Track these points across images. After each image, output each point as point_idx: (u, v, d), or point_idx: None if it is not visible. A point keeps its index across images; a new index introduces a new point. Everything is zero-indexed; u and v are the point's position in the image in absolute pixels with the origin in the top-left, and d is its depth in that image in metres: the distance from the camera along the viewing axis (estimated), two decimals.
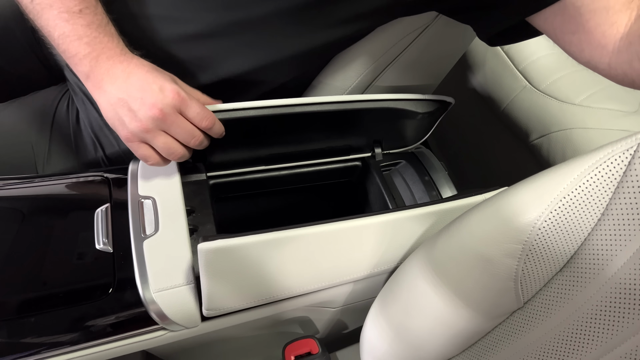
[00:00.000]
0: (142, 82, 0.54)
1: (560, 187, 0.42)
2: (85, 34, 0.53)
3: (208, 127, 0.57)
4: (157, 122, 0.53)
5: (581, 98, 0.89)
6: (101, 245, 0.55)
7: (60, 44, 0.54)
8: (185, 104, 0.55)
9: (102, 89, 0.54)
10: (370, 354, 0.60)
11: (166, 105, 0.53)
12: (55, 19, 0.53)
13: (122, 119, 0.53)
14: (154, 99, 0.53)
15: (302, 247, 0.54)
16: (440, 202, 0.61)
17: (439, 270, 0.50)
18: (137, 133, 0.54)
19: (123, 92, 0.53)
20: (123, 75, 0.54)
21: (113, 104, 0.53)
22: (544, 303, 0.46)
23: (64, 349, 0.51)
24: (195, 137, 0.56)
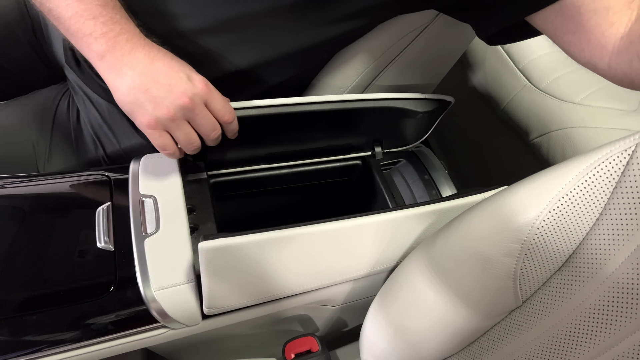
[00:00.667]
0: (169, 69, 0.52)
1: (558, 187, 0.42)
2: (100, 13, 0.51)
3: (228, 122, 0.56)
4: (184, 111, 0.52)
5: (581, 97, 0.89)
6: (102, 244, 0.56)
7: (73, 24, 0.51)
8: (212, 96, 0.54)
9: (120, 71, 0.51)
10: (369, 352, 0.60)
11: (195, 94, 0.52)
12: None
13: (144, 104, 0.51)
14: (183, 87, 0.51)
15: (302, 246, 0.54)
16: (440, 201, 0.62)
17: (438, 268, 0.50)
18: (162, 120, 0.51)
19: (147, 77, 0.51)
20: (146, 59, 0.52)
21: (134, 88, 0.51)
22: (543, 302, 0.47)
23: (66, 346, 0.51)
24: (216, 130, 0.55)
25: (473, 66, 1.07)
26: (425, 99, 0.71)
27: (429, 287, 0.51)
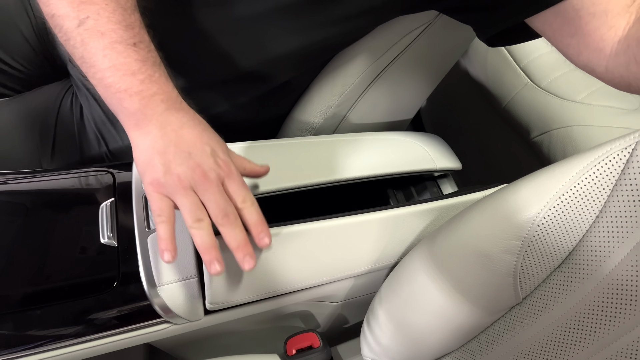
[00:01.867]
0: (195, 139, 0.48)
1: (559, 185, 0.42)
2: (140, 70, 0.48)
3: (244, 208, 0.49)
4: (195, 182, 0.47)
5: (582, 95, 0.89)
6: (106, 240, 0.56)
7: (107, 76, 0.47)
8: (232, 177, 0.49)
9: (146, 129, 0.48)
10: (370, 348, 0.60)
11: (212, 169, 0.47)
12: (105, 50, 0.47)
13: (156, 166, 0.47)
14: (202, 159, 0.47)
15: (304, 243, 0.55)
16: (441, 198, 0.62)
17: (439, 265, 0.50)
18: (167, 184, 0.47)
19: (170, 141, 0.47)
20: (176, 124, 0.48)
21: (153, 149, 0.47)
22: (543, 299, 0.47)
23: (69, 341, 0.52)
24: (228, 214, 0.47)
25: (474, 64, 1.08)
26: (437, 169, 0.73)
27: (430, 284, 0.51)
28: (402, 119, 0.90)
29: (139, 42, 0.49)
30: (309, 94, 0.78)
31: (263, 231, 0.49)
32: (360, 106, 0.78)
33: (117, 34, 0.47)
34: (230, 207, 0.48)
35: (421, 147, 0.74)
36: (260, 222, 0.49)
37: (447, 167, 0.72)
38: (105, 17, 0.47)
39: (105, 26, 0.47)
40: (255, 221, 0.49)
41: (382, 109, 0.82)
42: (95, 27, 0.47)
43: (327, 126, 0.80)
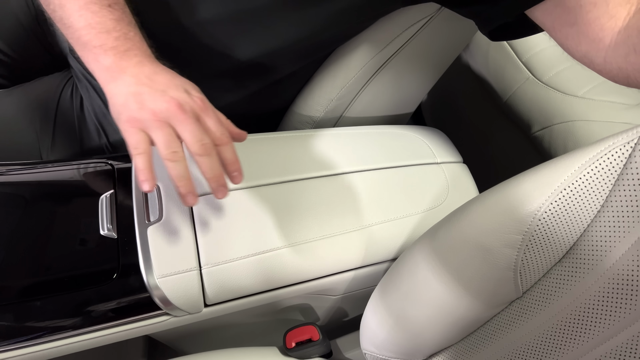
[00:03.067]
0: (169, 81, 0.49)
1: (561, 179, 0.42)
2: (114, 28, 0.50)
3: (221, 144, 0.50)
4: (170, 113, 0.47)
5: (584, 90, 0.89)
6: (105, 231, 0.56)
7: (84, 34, 0.49)
8: (207, 113, 0.49)
9: (120, 78, 0.49)
10: (369, 341, 0.60)
11: (187, 103, 0.48)
12: (81, 10, 0.50)
13: (131, 105, 0.47)
14: (176, 94, 0.48)
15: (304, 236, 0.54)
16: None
17: (440, 259, 0.50)
18: (142, 118, 0.47)
19: (144, 85, 0.48)
20: (149, 71, 0.50)
21: (128, 94, 0.48)
22: (543, 293, 0.47)
23: (69, 332, 0.52)
24: (204, 144, 0.48)
25: (476, 58, 1.07)
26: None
27: (431, 277, 0.51)
28: (403, 113, 0.90)
29: (114, 4, 0.51)
30: (310, 87, 0.78)
31: (237, 170, 0.50)
32: (362, 99, 0.78)
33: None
34: (207, 138, 0.48)
35: (422, 140, 0.74)
36: (235, 160, 0.50)
37: (448, 160, 0.71)
38: None
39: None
40: (231, 158, 0.50)
41: (383, 103, 0.82)
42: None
43: (328, 119, 0.80)
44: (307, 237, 0.58)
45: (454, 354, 0.55)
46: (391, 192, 0.64)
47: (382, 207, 0.62)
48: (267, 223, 0.58)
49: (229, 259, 0.55)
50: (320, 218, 0.60)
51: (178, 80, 0.51)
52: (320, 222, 0.60)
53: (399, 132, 0.74)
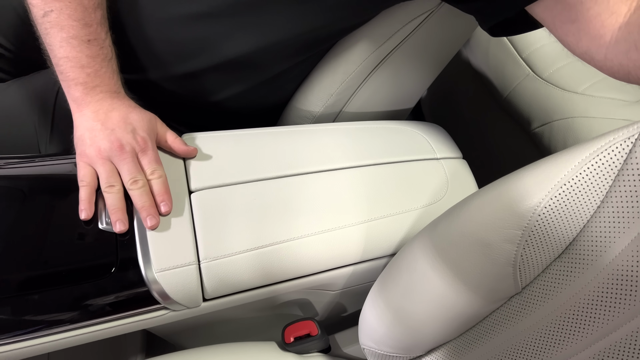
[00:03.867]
0: (120, 120, 0.57)
1: (561, 174, 0.42)
2: (88, 64, 0.56)
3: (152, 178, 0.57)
4: (112, 152, 0.56)
5: (584, 87, 0.89)
6: (104, 225, 0.55)
7: (61, 64, 0.56)
8: (146, 152, 0.57)
9: (83, 112, 0.57)
10: (368, 337, 0.60)
11: (129, 143, 0.56)
12: (62, 42, 0.55)
13: (85, 140, 0.56)
14: (121, 134, 0.56)
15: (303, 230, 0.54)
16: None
17: (439, 254, 0.50)
18: (90, 154, 0.56)
19: (97, 121, 0.56)
20: (107, 108, 0.57)
21: (85, 128, 0.57)
22: (542, 288, 0.47)
23: (66, 326, 0.52)
24: (136, 180, 0.56)
25: (476, 54, 1.07)
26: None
27: (430, 272, 0.51)
28: (403, 108, 0.90)
29: (93, 40, 0.57)
30: (309, 81, 0.78)
31: (164, 200, 0.56)
32: (361, 95, 0.78)
33: (74, 30, 0.55)
34: (140, 175, 0.56)
35: (421, 135, 0.73)
36: (164, 191, 0.57)
37: (447, 156, 0.71)
38: (67, 14, 0.55)
39: (66, 22, 0.55)
40: (159, 190, 0.57)
41: (382, 98, 0.82)
42: (57, 20, 0.55)
43: (328, 114, 0.79)
44: (306, 232, 0.58)
45: (452, 349, 0.55)
46: (390, 187, 0.64)
47: (381, 203, 0.62)
48: (266, 217, 0.58)
49: (228, 253, 0.55)
50: (319, 213, 0.60)
51: (130, 117, 0.58)
52: (319, 217, 0.59)
53: (398, 128, 0.74)
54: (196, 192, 0.59)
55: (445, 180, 0.66)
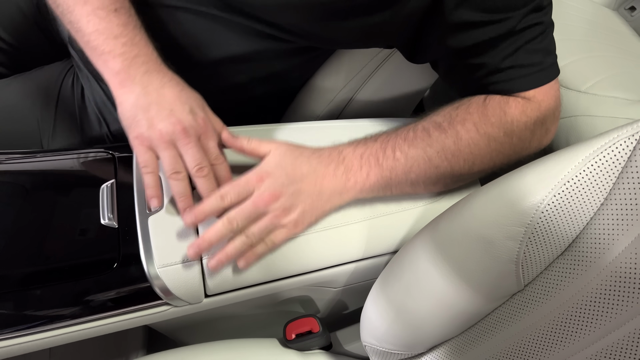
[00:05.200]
0: (175, 98, 0.53)
1: (564, 171, 0.42)
2: (121, 33, 0.53)
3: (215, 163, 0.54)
4: (175, 136, 0.51)
5: (587, 85, 0.89)
6: (106, 221, 0.55)
7: (92, 39, 0.52)
8: (207, 135, 0.54)
9: (130, 88, 0.52)
10: (370, 334, 0.60)
11: (191, 126, 0.52)
12: (89, 15, 0.52)
13: (140, 122, 0.52)
14: (182, 115, 0.52)
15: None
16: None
17: (441, 251, 0.50)
18: (151, 138, 0.52)
19: (152, 99, 0.52)
20: (157, 84, 0.53)
21: (136, 106, 0.52)
22: (544, 286, 0.47)
23: (68, 321, 0.52)
24: (201, 167, 0.52)
25: None
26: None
27: (432, 269, 0.51)
28: (405, 107, 0.90)
29: (120, 8, 0.53)
30: (314, 81, 0.78)
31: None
32: (364, 92, 0.78)
33: (98, 1, 0.52)
34: (205, 161, 0.53)
35: None
36: (228, 178, 0.55)
37: None
38: None
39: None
40: (224, 177, 0.55)
41: (385, 96, 0.82)
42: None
43: (330, 112, 0.80)
44: (308, 229, 0.58)
45: (454, 346, 0.55)
46: None
47: (383, 200, 0.62)
48: None
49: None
50: None
51: (184, 95, 0.54)
52: None
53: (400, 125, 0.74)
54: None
55: None
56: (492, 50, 0.55)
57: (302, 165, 0.54)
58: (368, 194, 0.57)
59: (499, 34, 0.54)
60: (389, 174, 0.56)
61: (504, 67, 0.56)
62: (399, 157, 0.56)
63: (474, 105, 0.58)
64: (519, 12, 0.53)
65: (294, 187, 0.53)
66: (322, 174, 0.54)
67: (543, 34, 0.56)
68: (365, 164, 0.55)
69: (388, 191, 0.58)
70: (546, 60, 0.57)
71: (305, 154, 0.55)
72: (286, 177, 0.53)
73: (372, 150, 0.56)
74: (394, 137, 0.57)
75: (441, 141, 0.56)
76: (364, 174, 0.55)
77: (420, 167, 0.56)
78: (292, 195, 0.53)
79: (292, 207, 0.53)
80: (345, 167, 0.55)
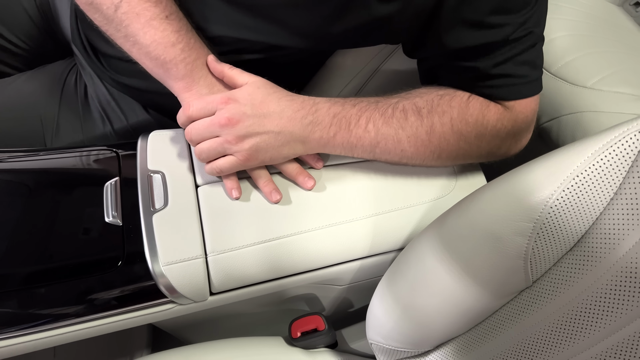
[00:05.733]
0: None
1: (573, 166, 0.41)
2: (178, 40, 0.55)
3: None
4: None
5: (593, 81, 0.88)
6: (110, 219, 0.55)
7: (152, 50, 0.54)
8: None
9: (196, 90, 0.56)
10: (376, 332, 0.60)
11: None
12: (144, 27, 0.54)
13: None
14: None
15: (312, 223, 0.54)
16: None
17: (448, 247, 0.50)
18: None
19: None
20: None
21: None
22: (553, 282, 0.46)
23: (73, 320, 0.52)
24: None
25: None
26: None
27: (439, 266, 0.50)
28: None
29: (170, 15, 0.55)
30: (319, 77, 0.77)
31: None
32: (369, 88, 0.77)
33: (150, 12, 0.54)
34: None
35: None
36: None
37: None
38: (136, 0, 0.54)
39: (138, 6, 0.54)
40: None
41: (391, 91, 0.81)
42: (129, 8, 0.53)
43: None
44: (314, 226, 0.58)
45: (461, 344, 0.55)
46: (398, 181, 0.63)
47: (388, 196, 0.61)
48: (273, 211, 0.58)
49: (235, 246, 0.55)
50: (327, 206, 0.59)
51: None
52: (326, 210, 0.59)
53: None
54: (202, 186, 0.59)
55: (453, 174, 0.66)
56: (486, 55, 0.56)
57: (271, 102, 0.55)
58: (329, 151, 0.58)
59: (495, 40, 0.54)
60: (356, 141, 0.57)
61: (493, 73, 0.57)
62: (370, 129, 0.56)
63: (457, 99, 0.58)
64: (516, 20, 0.53)
65: (255, 119, 0.53)
66: (288, 116, 0.54)
67: (533, 47, 0.57)
68: (335, 124, 0.56)
69: (349, 154, 0.59)
70: (532, 74, 0.59)
71: (279, 94, 0.56)
72: (251, 107, 0.54)
73: (347, 114, 0.56)
74: (372, 109, 0.57)
75: (415, 128, 0.57)
76: (331, 133, 0.56)
77: (387, 145, 0.57)
78: (250, 126, 0.53)
79: (246, 137, 0.54)
80: (315, 120, 0.55)
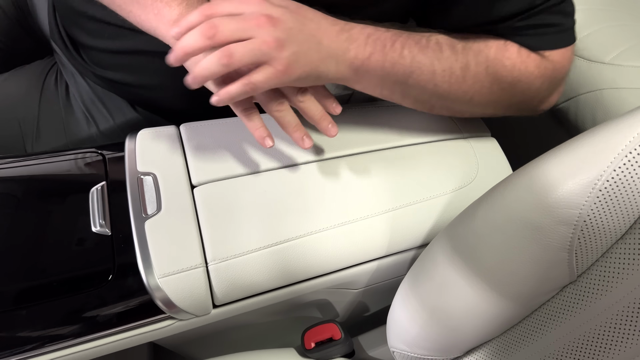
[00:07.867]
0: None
1: (625, 141, 0.37)
2: None
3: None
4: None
5: (611, 56, 0.84)
6: (98, 228, 0.52)
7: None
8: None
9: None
10: (398, 338, 0.56)
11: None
12: None
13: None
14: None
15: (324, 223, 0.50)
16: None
17: (480, 242, 0.46)
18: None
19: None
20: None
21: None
22: (601, 276, 0.42)
23: (61, 343, 0.48)
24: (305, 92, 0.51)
25: None
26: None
27: (470, 263, 0.46)
28: None
29: None
30: None
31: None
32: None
33: None
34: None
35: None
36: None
37: (475, 134, 0.67)
38: None
39: None
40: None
41: None
42: None
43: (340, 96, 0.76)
44: (324, 225, 0.54)
45: (495, 348, 0.51)
46: (415, 171, 0.60)
47: (405, 189, 0.58)
48: (279, 211, 0.54)
49: (239, 252, 0.51)
50: (338, 203, 0.56)
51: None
52: (338, 207, 0.56)
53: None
54: (199, 186, 0.55)
55: (475, 161, 0.63)
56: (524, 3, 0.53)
57: (308, 10, 0.49)
58: (361, 77, 0.53)
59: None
60: (390, 67, 0.52)
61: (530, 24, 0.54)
62: (405, 55, 0.52)
63: (494, 41, 0.55)
64: None
65: (297, 23, 0.47)
66: (325, 28, 0.49)
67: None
68: (370, 45, 0.51)
69: (377, 89, 0.55)
70: (566, 22, 0.57)
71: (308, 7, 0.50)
72: (288, 10, 0.47)
73: (382, 36, 0.51)
74: (406, 37, 0.53)
75: (450, 63, 0.54)
76: (367, 53, 0.50)
77: (421, 76, 0.53)
78: (292, 29, 0.46)
79: (286, 42, 0.46)
80: (350, 37, 0.50)
